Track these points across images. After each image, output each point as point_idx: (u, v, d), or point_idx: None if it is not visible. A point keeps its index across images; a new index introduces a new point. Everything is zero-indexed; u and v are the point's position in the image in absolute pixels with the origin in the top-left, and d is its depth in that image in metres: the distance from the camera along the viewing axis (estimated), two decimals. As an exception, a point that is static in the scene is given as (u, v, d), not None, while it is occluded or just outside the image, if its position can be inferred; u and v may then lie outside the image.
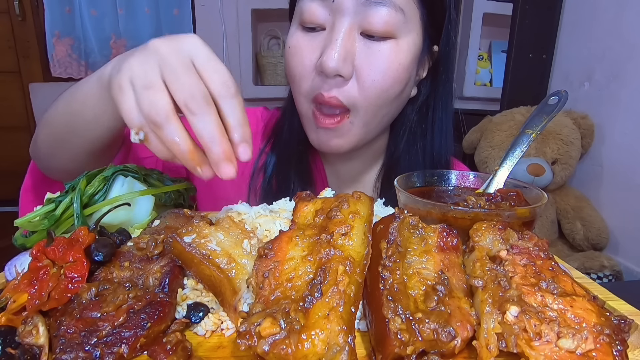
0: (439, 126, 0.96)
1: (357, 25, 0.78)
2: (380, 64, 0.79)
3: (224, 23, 3.17)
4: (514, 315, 0.40)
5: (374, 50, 0.79)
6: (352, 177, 1.05)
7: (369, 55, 0.79)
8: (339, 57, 0.76)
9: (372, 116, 0.85)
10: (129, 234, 0.60)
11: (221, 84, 0.51)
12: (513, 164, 0.67)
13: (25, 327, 0.42)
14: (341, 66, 0.76)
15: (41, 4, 3.04)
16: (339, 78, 0.79)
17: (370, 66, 0.79)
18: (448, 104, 0.96)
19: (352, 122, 0.84)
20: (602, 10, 1.94)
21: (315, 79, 0.82)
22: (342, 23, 0.77)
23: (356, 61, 0.79)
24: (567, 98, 0.71)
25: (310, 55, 0.81)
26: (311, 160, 1.03)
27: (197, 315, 0.47)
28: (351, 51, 0.78)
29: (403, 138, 0.96)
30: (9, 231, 0.62)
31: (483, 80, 3.14)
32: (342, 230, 0.49)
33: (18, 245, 0.62)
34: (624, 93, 1.84)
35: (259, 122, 1.08)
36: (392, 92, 0.83)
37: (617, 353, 0.38)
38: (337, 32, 0.77)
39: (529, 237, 0.51)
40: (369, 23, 0.76)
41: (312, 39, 0.81)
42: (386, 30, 0.77)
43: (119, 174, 0.68)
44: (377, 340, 0.42)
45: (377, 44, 0.78)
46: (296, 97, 0.88)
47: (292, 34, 0.84)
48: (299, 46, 0.82)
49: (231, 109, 0.51)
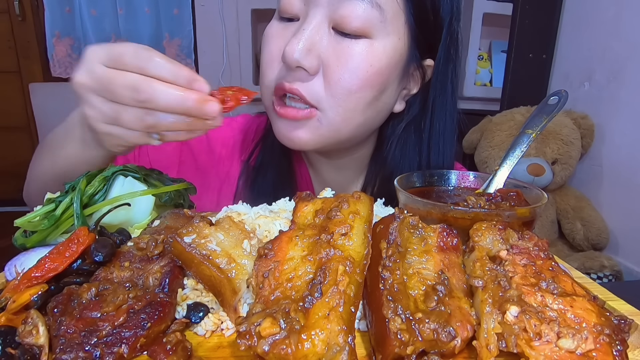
0: (435, 147, 0.88)
1: (329, 18, 0.74)
2: (349, 62, 0.74)
3: (224, 23, 3.17)
4: (514, 315, 0.40)
5: (344, 46, 0.74)
6: (339, 185, 1.00)
7: (338, 51, 0.74)
8: (303, 47, 0.72)
9: (341, 120, 0.78)
10: (129, 234, 0.60)
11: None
12: (513, 164, 0.67)
13: (25, 327, 0.42)
14: (303, 57, 0.72)
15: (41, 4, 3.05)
16: (303, 72, 0.74)
17: (338, 63, 0.74)
18: (447, 125, 0.87)
19: (320, 120, 0.78)
20: (602, 10, 1.94)
21: (281, 70, 0.78)
22: (313, 14, 0.73)
23: (323, 56, 0.74)
24: (567, 98, 0.71)
25: (279, 44, 0.77)
26: (297, 168, 0.99)
27: (197, 315, 0.47)
28: (317, 44, 0.73)
29: (390, 150, 0.90)
30: (9, 231, 0.62)
31: (483, 80, 3.15)
32: (342, 230, 0.49)
33: (18, 245, 0.62)
34: (624, 93, 1.84)
35: (236, 134, 1.04)
36: (363, 95, 0.77)
37: (617, 353, 0.38)
38: (307, 22, 0.73)
39: (529, 237, 0.51)
40: (341, 17, 0.72)
41: (285, 28, 0.78)
42: (360, 26, 0.72)
43: (119, 174, 0.68)
44: (377, 340, 0.42)
45: (348, 41, 0.74)
46: (262, 90, 0.83)
47: (270, 24, 0.82)
48: (272, 34, 0.80)
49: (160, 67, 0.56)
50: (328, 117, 0.78)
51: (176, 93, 0.55)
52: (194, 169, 1.00)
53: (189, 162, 1.00)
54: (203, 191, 0.98)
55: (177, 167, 0.99)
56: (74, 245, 0.50)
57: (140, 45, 0.57)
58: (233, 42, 3.20)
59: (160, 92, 0.55)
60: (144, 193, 0.66)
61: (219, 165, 1.02)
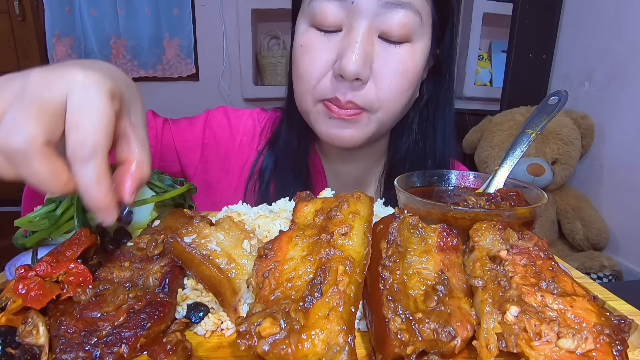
0: (440, 128, 0.95)
1: (375, 27, 0.76)
2: (398, 67, 0.79)
3: (224, 23, 3.17)
4: (514, 315, 0.40)
5: (392, 53, 0.78)
6: (353, 179, 1.04)
7: (387, 58, 0.78)
8: (359, 60, 0.74)
9: (389, 117, 0.85)
10: (129, 234, 0.60)
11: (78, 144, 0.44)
12: (513, 164, 0.67)
13: (25, 327, 0.42)
14: (361, 70, 0.75)
15: (41, 4, 3.04)
16: (357, 81, 0.78)
17: (388, 69, 0.78)
18: (450, 106, 0.96)
19: (369, 118, 0.83)
20: (602, 10, 1.94)
21: (331, 82, 0.80)
22: (360, 25, 0.75)
23: (374, 64, 0.78)
24: (567, 98, 0.71)
25: (325, 56, 0.79)
26: (310, 162, 1.02)
27: (197, 315, 0.47)
28: (370, 54, 0.77)
29: (405, 140, 0.95)
30: (9, 231, 0.62)
31: (483, 80, 3.14)
32: (342, 230, 0.49)
33: (18, 245, 0.62)
34: (624, 93, 1.84)
35: (256, 124, 1.07)
36: (408, 95, 0.83)
37: (617, 353, 0.38)
38: (355, 34, 0.75)
39: (529, 237, 0.51)
40: (387, 25, 0.75)
41: (328, 39, 0.79)
42: (404, 33, 0.76)
43: (119, 174, 0.68)
44: (377, 340, 0.42)
45: (395, 47, 0.78)
46: (302, 95, 0.85)
47: (304, 33, 0.81)
48: (312, 45, 0.80)
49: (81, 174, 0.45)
50: (377, 116, 0.83)
51: None
52: (215, 152, 1.03)
53: (211, 144, 1.02)
54: (223, 175, 1.02)
55: (200, 149, 1.02)
56: (75, 246, 0.50)
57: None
58: (233, 42, 3.20)
59: None
60: (150, 201, 0.66)
61: (241, 151, 1.05)
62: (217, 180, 0.92)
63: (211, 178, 1.02)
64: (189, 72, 3.33)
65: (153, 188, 0.70)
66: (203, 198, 1.00)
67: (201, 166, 1.02)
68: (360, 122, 0.83)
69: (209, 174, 1.02)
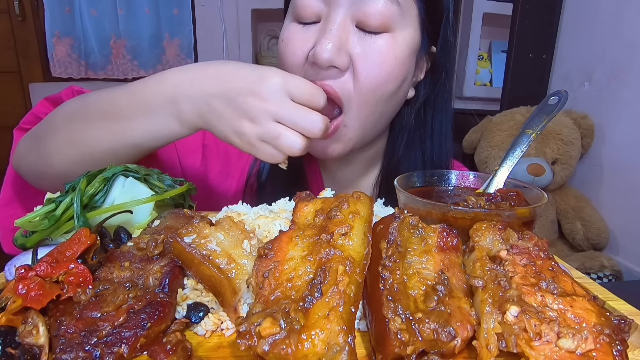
0: (438, 129, 0.94)
1: (352, 16, 0.76)
2: (376, 57, 0.78)
3: (224, 23, 3.17)
4: (514, 315, 0.40)
5: (369, 42, 0.77)
6: (350, 181, 1.04)
7: (365, 47, 0.77)
8: (333, 47, 0.74)
9: (368, 114, 0.83)
10: (129, 234, 0.60)
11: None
12: (513, 164, 0.67)
13: (25, 327, 0.42)
14: (335, 56, 0.75)
15: (41, 4, 3.04)
16: (334, 69, 0.77)
17: (366, 59, 0.77)
18: (447, 107, 0.95)
19: (347, 125, 0.83)
20: (602, 10, 1.94)
21: (308, 71, 0.80)
22: (337, 14, 0.76)
23: (351, 53, 0.77)
24: (567, 98, 0.71)
25: (302, 46, 0.79)
26: (307, 165, 1.02)
27: (197, 315, 0.47)
28: (346, 42, 0.76)
29: (401, 141, 0.95)
30: (9, 231, 0.62)
31: (483, 80, 3.14)
32: (342, 230, 0.49)
33: (18, 245, 0.62)
34: (624, 93, 1.84)
35: None
36: (388, 87, 0.81)
37: (617, 353, 0.38)
38: (331, 22, 0.76)
39: (529, 237, 0.51)
40: (364, 14, 0.75)
41: (306, 30, 0.80)
42: (382, 22, 0.76)
43: (119, 175, 0.68)
44: (377, 340, 0.42)
45: (373, 37, 0.77)
46: None
47: (286, 27, 0.83)
48: (292, 37, 0.81)
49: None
50: (354, 116, 0.82)
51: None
52: (216, 153, 1.02)
53: (211, 145, 1.02)
54: (224, 177, 1.03)
55: (201, 150, 1.01)
56: (75, 246, 0.50)
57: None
58: (233, 42, 3.20)
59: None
60: (147, 200, 0.66)
61: (240, 152, 1.04)
62: (219, 182, 0.91)
63: (211, 180, 1.02)
64: (189, 72, 3.33)
65: (153, 188, 0.70)
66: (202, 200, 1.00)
67: (202, 168, 1.02)
68: (339, 135, 0.83)
69: (209, 175, 1.02)
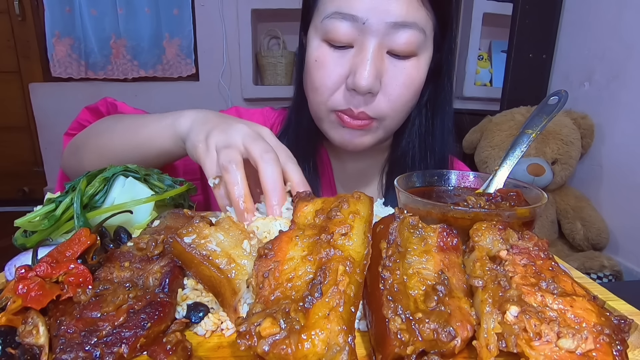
0: (440, 127, 1.01)
1: (384, 45, 0.82)
2: (406, 79, 0.86)
3: (224, 23, 3.17)
4: (514, 315, 0.40)
5: (400, 67, 0.85)
6: (358, 171, 1.10)
7: (396, 72, 0.85)
8: (370, 75, 0.81)
9: (395, 123, 0.93)
10: (129, 234, 0.60)
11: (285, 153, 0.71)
12: (513, 164, 0.67)
13: (25, 327, 0.42)
14: (373, 84, 0.82)
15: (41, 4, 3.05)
16: (369, 95, 0.84)
17: (397, 82, 0.85)
18: (449, 105, 1.01)
19: (379, 126, 0.91)
20: (602, 10, 1.94)
21: (344, 94, 0.86)
22: (371, 43, 0.81)
23: (383, 78, 0.84)
24: (567, 98, 0.71)
25: (338, 70, 0.85)
26: (318, 156, 1.06)
27: (197, 315, 0.47)
28: (380, 69, 0.83)
29: (407, 137, 1.01)
30: (9, 231, 0.62)
31: (483, 80, 3.15)
32: (342, 230, 0.49)
33: (18, 245, 0.62)
34: (624, 93, 1.84)
35: (267, 122, 1.13)
36: (413, 102, 0.92)
37: (617, 353, 0.38)
38: (367, 52, 0.81)
39: (529, 237, 0.51)
40: (395, 44, 0.82)
41: (341, 55, 0.85)
42: (411, 50, 0.83)
43: (119, 175, 0.68)
44: (377, 340, 0.42)
45: (402, 62, 0.85)
46: (317, 105, 0.91)
47: (317, 48, 0.87)
48: (326, 60, 0.86)
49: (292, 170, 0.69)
50: (385, 124, 0.91)
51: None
52: None
53: None
54: None
55: None
56: (75, 246, 0.50)
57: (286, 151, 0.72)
58: (233, 42, 3.20)
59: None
60: (147, 200, 0.66)
61: None
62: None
63: None
64: (189, 72, 3.34)
65: (153, 188, 0.70)
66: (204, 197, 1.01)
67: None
68: (370, 130, 0.91)
69: None
